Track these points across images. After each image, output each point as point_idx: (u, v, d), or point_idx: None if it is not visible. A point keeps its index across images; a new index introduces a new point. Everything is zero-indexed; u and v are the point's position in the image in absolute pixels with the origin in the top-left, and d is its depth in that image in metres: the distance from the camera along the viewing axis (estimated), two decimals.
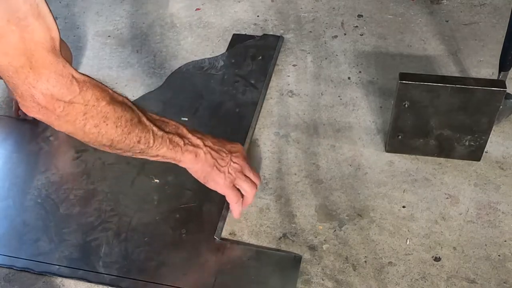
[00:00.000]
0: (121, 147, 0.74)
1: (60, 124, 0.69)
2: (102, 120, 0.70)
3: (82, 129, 0.70)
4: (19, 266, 0.88)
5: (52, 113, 0.67)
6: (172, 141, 0.79)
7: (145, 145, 0.75)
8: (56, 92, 0.65)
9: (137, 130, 0.73)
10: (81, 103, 0.67)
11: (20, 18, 0.60)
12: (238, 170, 0.87)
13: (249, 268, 0.86)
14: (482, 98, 0.91)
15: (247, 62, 1.26)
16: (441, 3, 1.43)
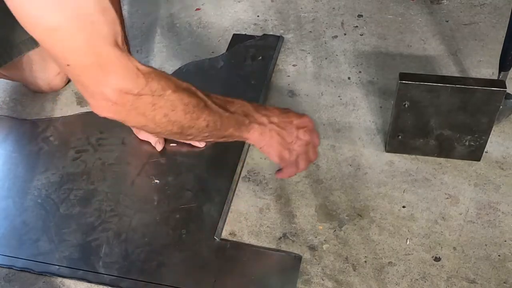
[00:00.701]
0: (191, 133, 0.75)
1: (131, 119, 0.70)
2: (170, 109, 0.70)
3: (153, 120, 0.70)
4: (19, 266, 0.88)
5: (123, 108, 0.67)
6: (238, 121, 0.79)
7: (213, 128, 0.76)
8: (125, 86, 0.65)
9: (204, 115, 0.74)
10: (148, 95, 0.67)
11: (87, 15, 0.59)
12: (303, 146, 0.86)
13: (249, 268, 0.86)
14: (482, 98, 0.91)
15: (247, 62, 1.26)
16: (441, 3, 1.42)
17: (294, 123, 0.85)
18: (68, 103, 1.19)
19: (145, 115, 0.69)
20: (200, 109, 0.73)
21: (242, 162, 1.03)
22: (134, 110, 0.67)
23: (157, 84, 0.68)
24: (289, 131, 0.84)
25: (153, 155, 1.05)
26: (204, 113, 0.74)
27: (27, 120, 1.16)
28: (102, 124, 1.13)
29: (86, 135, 1.10)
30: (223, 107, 0.77)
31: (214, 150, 1.05)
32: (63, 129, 1.12)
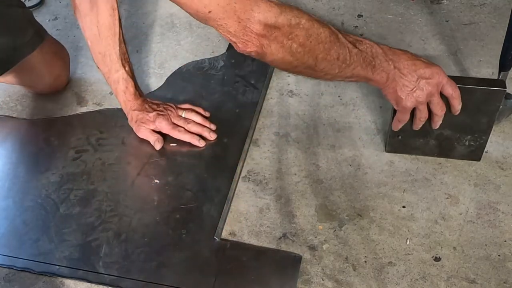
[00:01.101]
0: (324, 67, 0.79)
1: (271, 51, 0.76)
2: (305, 38, 0.75)
3: (289, 50, 0.76)
4: (19, 266, 0.88)
5: (266, 39, 0.74)
6: (365, 60, 0.82)
7: (342, 62, 0.79)
8: (264, 17, 0.72)
9: (336, 47, 0.78)
10: (285, 24, 0.73)
11: None
12: (423, 96, 0.86)
13: (249, 268, 0.86)
14: (482, 98, 0.91)
15: (247, 62, 1.26)
16: (441, 3, 1.43)
17: (418, 72, 0.85)
18: (68, 103, 1.19)
19: (283, 45, 0.75)
20: (332, 40, 0.77)
21: (242, 162, 1.03)
22: (273, 41, 0.74)
23: (290, 12, 0.74)
24: (410, 79, 0.85)
25: (153, 155, 1.05)
26: (335, 44, 0.78)
27: (27, 120, 1.16)
28: (102, 124, 1.13)
29: (86, 135, 1.10)
30: (353, 43, 0.80)
31: (214, 150, 1.05)
32: (63, 129, 1.12)
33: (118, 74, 1.03)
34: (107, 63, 1.02)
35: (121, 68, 1.02)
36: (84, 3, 0.98)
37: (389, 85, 0.86)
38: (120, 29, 1.01)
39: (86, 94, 1.22)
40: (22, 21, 1.12)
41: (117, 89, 1.05)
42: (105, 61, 1.02)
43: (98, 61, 1.03)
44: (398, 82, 0.85)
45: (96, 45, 1.01)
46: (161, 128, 1.04)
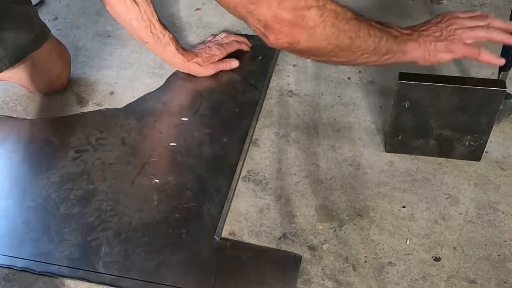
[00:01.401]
0: (359, 45, 0.79)
1: (305, 38, 0.75)
2: (335, 17, 0.75)
3: (323, 33, 0.75)
4: (19, 266, 0.88)
5: (297, 26, 0.73)
6: (393, 34, 0.83)
7: (375, 37, 0.80)
8: (294, 3, 0.71)
9: (363, 25, 0.79)
10: (314, 6, 0.73)
11: None
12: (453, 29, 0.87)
13: (249, 268, 0.86)
14: (482, 98, 0.91)
15: (247, 62, 1.26)
16: (441, 3, 1.42)
17: (432, 22, 0.88)
18: (68, 103, 1.19)
19: (316, 30, 0.74)
20: (358, 19, 0.78)
21: (242, 162, 1.03)
22: (306, 26, 0.73)
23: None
24: (434, 30, 0.86)
25: (153, 155, 1.05)
26: (362, 23, 0.78)
27: (27, 120, 1.16)
28: (102, 124, 1.13)
29: (86, 135, 1.10)
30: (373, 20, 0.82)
31: (214, 150, 1.05)
32: (63, 129, 1.12)
33: (166, 37, 1.12)
34: (154, 33, 1.11)
35: (165, 31, 1.12)
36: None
37: (428, 48, 0.86)
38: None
39: (86, 94, 1.22)
40: (30, 18, 1.12)
41: (170, 52, 1.14)
42: (151, 32, 1.10)
43: (146, 35, 1.10)
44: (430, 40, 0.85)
45: (139, 22, 1.09)
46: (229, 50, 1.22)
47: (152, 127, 1.11)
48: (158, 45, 1.13)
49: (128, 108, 1.17)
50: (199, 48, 1.22)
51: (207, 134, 1.09)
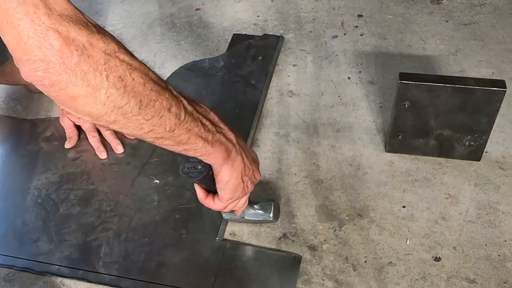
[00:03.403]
0: (150, 116, 0.58)
1: (76, 81, 0.51)
2: (126, 71, 0.55)
3: (104, 85, 0.53)
4: (19, 266, 0.88)
5: (68, 60, 0.50)
6: (203, 124, 0.65)
7: (176, 118, 0.61)
8: (72, 28, 0.51)
9: (166, 94, 0.59)
10: (100, 48, 0.53)
11: None
12: (251, 185, 0.77)
13: (249, 268, 0.86)
14: (482, 98, 0.91)
15: (247, 62, 1.26)
16: (441, 3, 1.42)
17: (253, 156, 0.76)
18: None
19: (95, 75, 0.52)
20: (161, 87, 0.59)
21: None
22: (80, 67, 0.51)
23: (110, 39, 0.54)
24: (249, 161, 0.74)
25: (153, 155, 1.05)
26: (166, 93, 0.59)
27: (27, 120, 1.15)
28: None
29: (86, 135, 1.10)
30: (186, 99, 0.64)
31: None
32: (63, 129, 1.12)
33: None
34: None
35: None
36: None
37: (230, 165, 0.71)
38: None
39: None
40: None
41: None
42: None
43: None
44: (239, 163, 0.72)
45: None
46: (82, 124, 1.05)
47: None
48: None
49: None
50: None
51: None
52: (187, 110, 0.63)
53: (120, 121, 0.57)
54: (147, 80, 0.57)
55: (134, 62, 0.56)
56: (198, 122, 0.64)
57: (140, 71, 0.56)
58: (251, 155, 0.76)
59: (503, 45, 1.27)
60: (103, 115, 0.56)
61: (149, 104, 0.57)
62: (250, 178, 0.75)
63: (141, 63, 0.57)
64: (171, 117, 0.60)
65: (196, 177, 0.73)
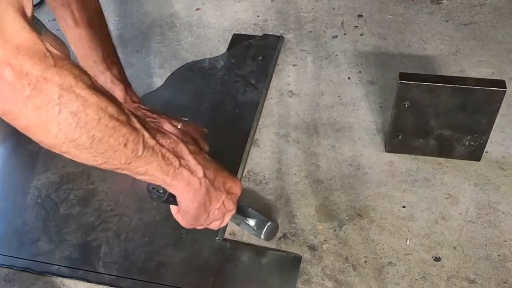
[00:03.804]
0: (103, 150, 0.58)
1: (27, 114, 0.51)
2: (81, 106, 0.54)
3: (56, 119, 0.53)
4: (19, 266, 0.88)
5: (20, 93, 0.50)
6: (165, 158, 0.65)
7: (132, 153, 0.61)
8: (27, 61, 0.50)
9: (124, 130, 0.59)
10: (55, 82, 0.51)
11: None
12: (222, 214, 0.76)
13: (249, 268, 0.86)
14: (482, 98, 0.91)
15: (247, 62, 1.26)
16: (441, 3, 1.42)
17: (227, 186, 0.74)
18: None
19: (47, 109, 0.52)
20: (119, 121, 0.58)
21: (244, 162, 1.03)
22: (33, 99, 0.50)
23: (68, 72, 0.53)
24: (219, 194, 0.73)
25: None
26: (124, 128, 0.58)
27: None
28: None
29: None
30: (151, 134, 0.63)
31: (214, 149, 1.05)
32: None
33: (103, 76, 0.97)
34: (91, 64, 0.95)
35: (107, 70, 0.96)
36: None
37: (192, 196, 0.71)
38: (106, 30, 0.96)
39: None
40: None
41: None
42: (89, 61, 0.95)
43: (83, 64, 0.95)
44: (203, 196, 0.71)
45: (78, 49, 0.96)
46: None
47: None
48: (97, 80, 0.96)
49: None
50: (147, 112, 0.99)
51: (207, 134, 1.08)
52: (147, 144, 0.62)
53: (72, 152, 0.59)
54: (103, 115, 0.56)
55: (92, 97, 0.55)
56: (159, 156, 0.64)
57: (96, 106, 0.55)
58: (225, 185, 0.74)
59: (503, 45, 1.27)
60: (55, 146, 0.57)
61: (103, 139, 0.57)
62: (219, 209, 0.75)
63: (101, 97, 0.56)
64: (127, 151, 0.60)
65: (155, 200, 0.73)
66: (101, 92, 0.57)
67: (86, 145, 0.57)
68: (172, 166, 0.66)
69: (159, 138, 0.64)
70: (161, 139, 0.64)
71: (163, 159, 0.65)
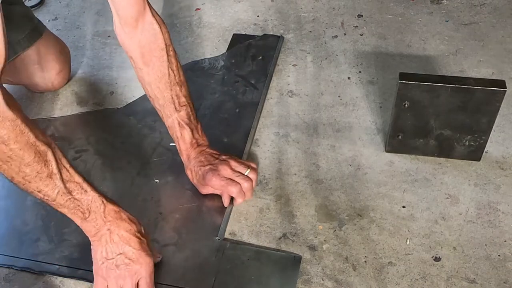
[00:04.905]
0: (17, 185, 0.70)
1: None
2: (5, 160, 0.66)
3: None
4: (19, 265, 0.88)
5: None
6: (77, 208, 0.74)
7: (45, 198, 0.72)
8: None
9: (40, 183, 0.70)
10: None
11: None
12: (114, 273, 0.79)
13: (249, 268, 0.86)
14: (482, 98, 0.91)
15: (247, 62, 1.26)
16: (441, 3, 1.43)
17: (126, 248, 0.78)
18: (68, 103, 1.19)
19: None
20: (37, 176, 0.69)
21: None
22: None
23: (5, 132, 0.64)
24: (113, 249, 0.78)
25: (153, 155, 1.05)
26: (40, 181, 0.70)
27: None
28: (102, 124, 1.13)
29: (86, 135, 1.10)
30: (69, 189, 0.72)
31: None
32: (63, 129, 1.12)
33: (170, 119, 0.94)
34: (159, 106, 0.94)
35: (174, 112, 0.93)
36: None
37: (95, 241, 0.78)
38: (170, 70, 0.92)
39: (86, 94, 1.22)
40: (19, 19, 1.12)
41: (172, 135, 0.96)
42: (156, 104, 0.94)
43: (152, 102, 0.95)
44: (103, 244, 0.77)
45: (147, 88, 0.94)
46: (212, 186, 0.93)
47: (152, 127, 1.11)
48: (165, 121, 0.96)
49: (128, 108, 1.17)
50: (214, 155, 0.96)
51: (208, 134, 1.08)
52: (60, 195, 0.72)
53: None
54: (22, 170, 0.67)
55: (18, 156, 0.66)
56: (70, 207, 0.74)
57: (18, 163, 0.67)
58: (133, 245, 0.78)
59: (503, 45, 1.27)
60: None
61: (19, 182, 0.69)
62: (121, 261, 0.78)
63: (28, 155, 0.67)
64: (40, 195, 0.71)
65: None
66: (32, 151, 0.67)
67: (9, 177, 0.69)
68: (81, 217, 0.75)
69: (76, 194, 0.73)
70: (78, 195, 0.74)
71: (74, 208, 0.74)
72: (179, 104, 0.93)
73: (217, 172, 0.92)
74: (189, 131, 0.94)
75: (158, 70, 0.90)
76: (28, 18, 1.14)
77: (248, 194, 0.94)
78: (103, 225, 0.76)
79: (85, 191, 0.74)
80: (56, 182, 0.71)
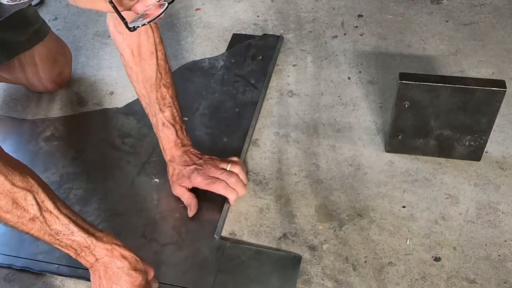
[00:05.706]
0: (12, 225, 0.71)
1: None
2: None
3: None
4: (18, 265, 0.88)
5: None
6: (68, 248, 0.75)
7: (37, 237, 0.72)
8: None
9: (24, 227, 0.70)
10: None
11: None
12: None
13: (249, 268, 0.86)
14: (482, 98, 0.91)
15: (247, 62, 1.26)
16: (441, 3, 1.43)
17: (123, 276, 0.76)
18: (68, 103, 1.19)
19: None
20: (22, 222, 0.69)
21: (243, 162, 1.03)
22: None
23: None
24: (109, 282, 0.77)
25: (153, 155, 1.05)
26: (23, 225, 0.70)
27: (27, 120, 1.15)
28: (102, 124, 1.13)
29: (86, 135, 1.10)
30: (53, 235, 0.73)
31: (214, 149, 1.05)
32: (63, 129, 1.12)
33: (155, 118, 0.95)
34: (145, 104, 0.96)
35: (159, 112, 0.94)
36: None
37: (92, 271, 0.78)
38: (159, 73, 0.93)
39: (86, 94, 1.22)
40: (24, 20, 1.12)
41: (156, 134, 0.97)
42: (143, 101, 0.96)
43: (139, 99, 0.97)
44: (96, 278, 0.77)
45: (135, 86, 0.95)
46: (197, 185, 0.94)
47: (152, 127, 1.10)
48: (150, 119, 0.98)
49: (128, 108, 1.17)
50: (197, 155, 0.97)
51: (207, 134, 1.09)
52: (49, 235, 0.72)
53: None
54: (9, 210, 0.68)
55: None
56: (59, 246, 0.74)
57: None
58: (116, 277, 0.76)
59: (503, 45, 1.27)
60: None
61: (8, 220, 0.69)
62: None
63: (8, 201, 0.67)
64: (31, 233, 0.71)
65: None
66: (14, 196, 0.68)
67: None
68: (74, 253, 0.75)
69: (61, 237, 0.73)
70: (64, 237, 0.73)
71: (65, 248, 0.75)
72: (164, 105, 0.94)
73: (202, 171, 0.93)
74: (173, 131, 0.95)
75: (147, 71, 0.92)
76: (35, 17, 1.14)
77: (239, 190, 0.93)
78: (95, 261, 0.76)
79: (72, 233, 0.73)
80: (41, 225, 0.71)
